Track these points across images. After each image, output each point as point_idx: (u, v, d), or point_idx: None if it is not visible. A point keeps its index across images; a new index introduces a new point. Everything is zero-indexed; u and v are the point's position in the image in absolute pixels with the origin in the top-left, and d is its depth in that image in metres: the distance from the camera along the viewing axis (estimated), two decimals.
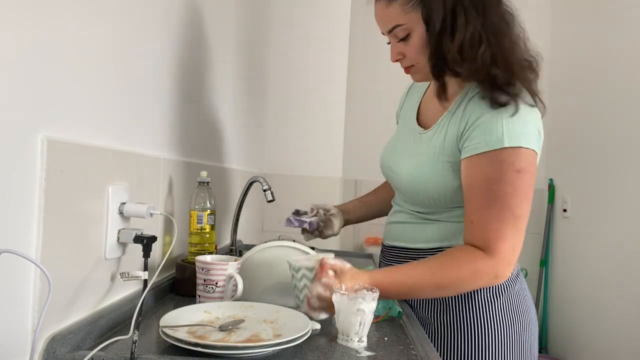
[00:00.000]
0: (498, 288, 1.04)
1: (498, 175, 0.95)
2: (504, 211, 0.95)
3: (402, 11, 1.00)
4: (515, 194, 0.95)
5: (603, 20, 2.64)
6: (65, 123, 0.77)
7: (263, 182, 1.39)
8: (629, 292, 2.29)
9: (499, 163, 0.95)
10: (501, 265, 0.96)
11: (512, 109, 0.95)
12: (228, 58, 1.76)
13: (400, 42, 1.04)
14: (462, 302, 1.04)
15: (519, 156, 0.94)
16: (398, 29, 1.02)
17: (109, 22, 0.89)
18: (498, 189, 0.95)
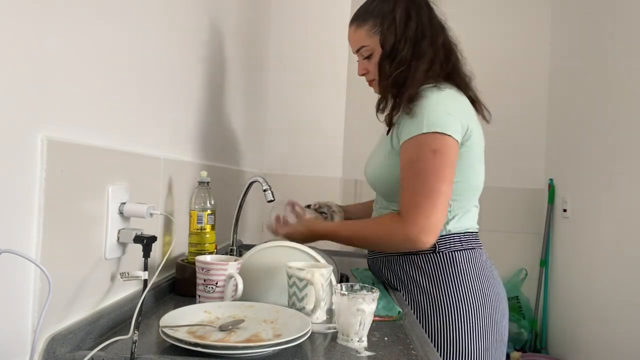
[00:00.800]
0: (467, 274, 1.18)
1: (416, 155, 1.13)
2: (420, 185, 1.11)
3: (367, 35, 1.25)
4: (430, 170, 1.11)
5: (603, 20, 2.64)
6: (65, 123, 0.77)
7: (263, 182, 1.38)
8: (629, 292, 2.29)
9: (419, 145, 1.13)
10: (411, 229, 1.10)
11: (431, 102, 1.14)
12: (228, 58, 1.76)
13: (365, 60, 1.28)
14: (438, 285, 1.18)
15: (435, 139, 1.12)
16: (363, 49, 1.27)
17: (109, 22, 0.89)
18: (417, 166, 1.12)
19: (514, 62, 3.19)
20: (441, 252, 1.19)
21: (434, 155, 1.10)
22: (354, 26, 1.29)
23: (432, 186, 1.10)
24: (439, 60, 1.20)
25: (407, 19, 1.21)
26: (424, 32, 1.20)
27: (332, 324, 0.93)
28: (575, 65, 2.91)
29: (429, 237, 1.10)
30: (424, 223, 1.09)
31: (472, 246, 1.22)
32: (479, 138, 1.21)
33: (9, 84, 0.65)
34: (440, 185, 1.10)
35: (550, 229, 3.10)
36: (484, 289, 1.18)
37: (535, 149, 3.22)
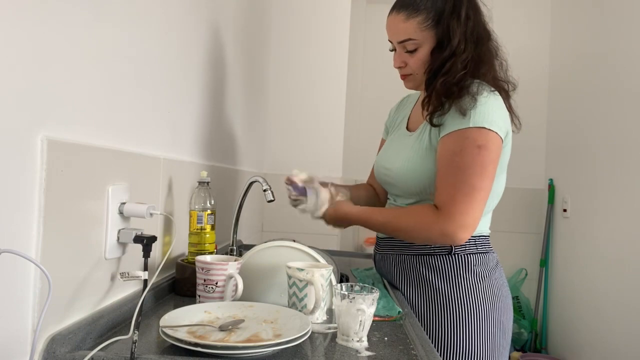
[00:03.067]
0: (479, 276, 1.17)
1: (460, 148, 1.09)
2: (461, 180, 1.08)
3: (418, 28, 1.16)
4: (474, 166, 1.08)
5: (603, 20, 2.64)
6: (65, 123, 0.77)
7: (263, 182, 1.38)
8: (629, 292, 2.29)
9: (462, 139, 1.09)
10: (448, 224, 1.08)
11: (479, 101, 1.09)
12: (228, 58, 1.76)
13: (407, 53, 1.20)
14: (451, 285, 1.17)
15: (481, 134, 1.08)
16: (409, 42, 1.17)
17: (109, 22, 0.89)
18: (459, 160, 1.09)
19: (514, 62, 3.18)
20: (457, 254, 1.18)
21: (478, 150, 1.08)
22: (402, 15, 1.17)
23: (474, 183, 1.07)
24: (489, 63, 1.16)
25: (467, 19, 1.15)
26: (481, 34, 1.16)
27: (332, 324, 0.93)
28: (575, 65, 2.91)
29: (466, 234, 1.09)
30: (461, 219, 1.07)
31: (486, 250, 1.21)
32: (510, 146, 1.18)
33: (9, 84, 0.65)
34: (481, 182, 1.08)
35: (550, 229, 3.10)
36: (494, 292, 1.18)
37: (535, 149, 3.22)
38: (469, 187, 1.07)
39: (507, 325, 1.20)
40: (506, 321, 1.20)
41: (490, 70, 1.16)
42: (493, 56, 1.19)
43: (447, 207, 1.08)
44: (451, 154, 1.10)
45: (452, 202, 1.08)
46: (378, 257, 1.35)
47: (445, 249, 1.19)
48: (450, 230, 1.08)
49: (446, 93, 1.12)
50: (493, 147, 1.09)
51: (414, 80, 1.23)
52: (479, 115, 1.08)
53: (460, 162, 1.08)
